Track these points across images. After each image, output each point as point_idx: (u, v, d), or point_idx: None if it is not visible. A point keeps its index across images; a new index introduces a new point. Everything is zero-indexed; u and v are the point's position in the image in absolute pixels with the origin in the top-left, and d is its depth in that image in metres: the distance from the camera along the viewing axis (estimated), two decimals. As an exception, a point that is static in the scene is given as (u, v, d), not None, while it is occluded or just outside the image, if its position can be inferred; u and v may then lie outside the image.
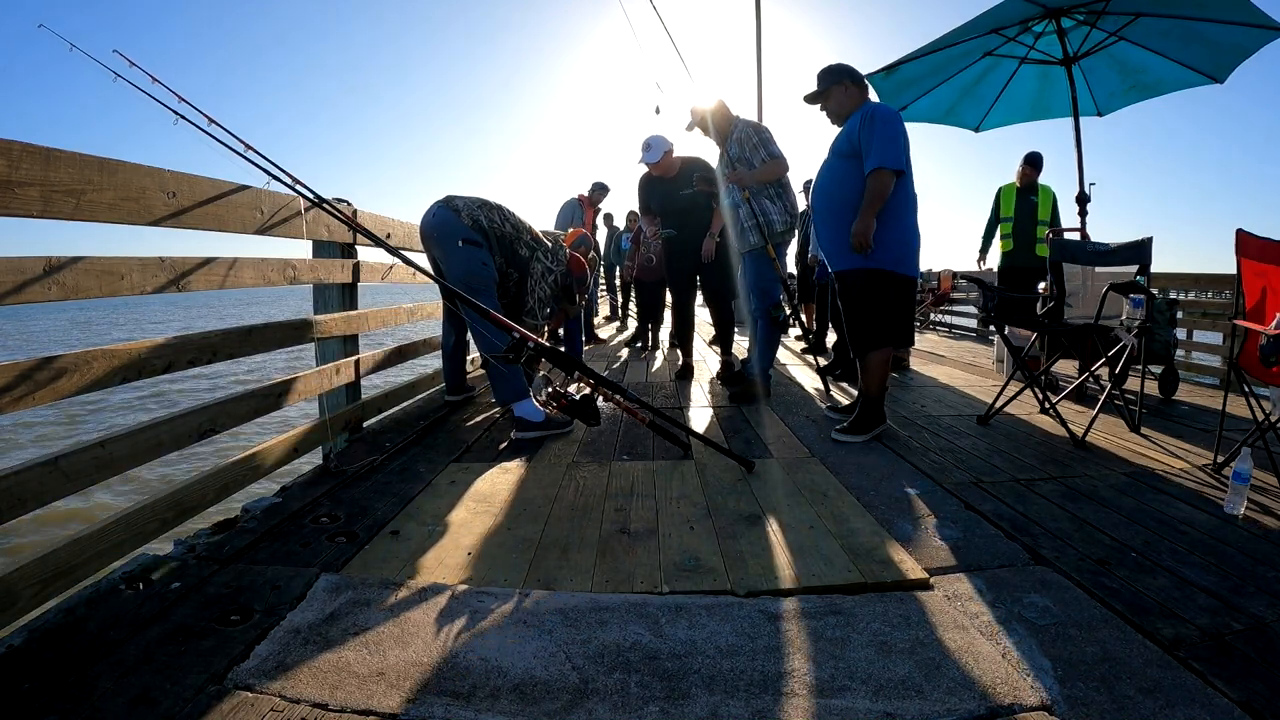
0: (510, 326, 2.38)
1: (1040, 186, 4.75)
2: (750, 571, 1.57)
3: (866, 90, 2.79)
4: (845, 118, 2.71)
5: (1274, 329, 2.20)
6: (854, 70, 2.79)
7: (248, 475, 2.07)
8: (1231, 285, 2.63)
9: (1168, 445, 2.69)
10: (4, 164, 1.28)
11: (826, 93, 2.76)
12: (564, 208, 6.02)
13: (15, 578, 1.30)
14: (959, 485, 2.17)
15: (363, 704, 1.10)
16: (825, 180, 2.75)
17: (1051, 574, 1.56)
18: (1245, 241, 2.38)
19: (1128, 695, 1.12)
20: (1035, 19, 3.92)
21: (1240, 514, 1.90)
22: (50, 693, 1.11)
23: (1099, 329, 2.92)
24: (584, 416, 2.40)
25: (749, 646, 1.26)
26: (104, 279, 1.54)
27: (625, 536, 1.77)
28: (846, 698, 1.12)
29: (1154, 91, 4.25)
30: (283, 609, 1.38)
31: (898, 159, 2.51)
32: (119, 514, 1.59)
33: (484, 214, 2.85)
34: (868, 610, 1.39)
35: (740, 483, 2.19)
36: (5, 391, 1.31)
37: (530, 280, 2.96)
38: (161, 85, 1.89)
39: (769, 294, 3.33)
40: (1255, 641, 1.27)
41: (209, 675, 1.16)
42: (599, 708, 1.10)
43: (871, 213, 2.51)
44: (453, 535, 1.78)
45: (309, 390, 2.49)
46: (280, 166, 2.14)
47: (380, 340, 3.96)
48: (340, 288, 2.83)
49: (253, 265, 2.15)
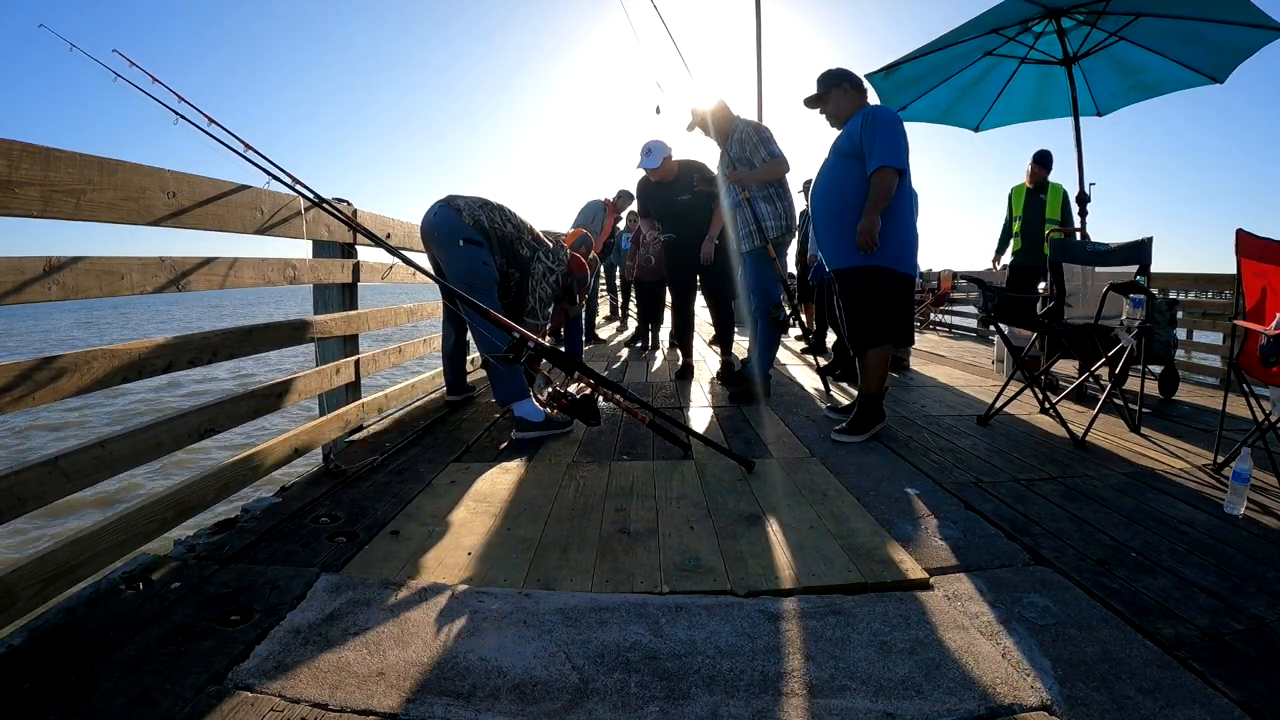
0: (510, 326, 2.38)
1: (1050, 185, 4.72)
2: (750, 571, 1.57)
3: (865, 93, 2.82)
4: (845, 120, 2.74)
5: (1274, 329, 2.20)
6: (852, 74, 2.83)
7: (248, 475, 2.07)
8: (1231, 285, 2.63)
9: (1168, 445, 2.69)
10: (4, 164, 1.28)
11: (826, 96, 2.79)
12: (587, 207, 6.00)
13: (15, 578, 1.30)
14: (959, 485, 2.17)
15: (363, 704, 1.10)
16: (826, 180, 2.76)
17: (1051, 574, 1.56)
18: (1245, 241, 2.38)
19: (1128, 695, 1.12)
20: (1035, 19, 3.93)
21: (1240, 514, 1.90)
22: (50, 693, 1.11)
23: (1099, 329, 2.92)
24: (584, 416, 2.40)
25: (749, 646, 1.26)
26: (104, 279, 1.54)
27: (625, 536, 1.77)
28: (846, 698, 1.12)
29: (1154, 91, 4.25)
30: (283, 609, 1.38)
31: (900, 158, 2.54)
32: (119, 514, 1.59)
33: (485, 214, 2.85)
34: (868, 610, 1.39)
35: (740, 483, 2.19)
36: (5, 391, 1.31)
37: (531, 280, 2.96)
38: (161, 85, 1.90)
39: (769, 294, 3.33)
40: (1255, 641, 1.27)
41: (209, 675, 1.16)
42: (599, 708, 1.10)
43: (877, 211, 2.54)
44: (453, 535, 1.78)
45: (309, 390, 2.49)
46: (280, 166, 2.14)
47: (380, 340, 3.97)
48: (340, 288, 2.83)
49: (253, 265, 2.15)
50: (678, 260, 4.02)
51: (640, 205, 4.15)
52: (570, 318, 3.73)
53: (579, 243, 3.84)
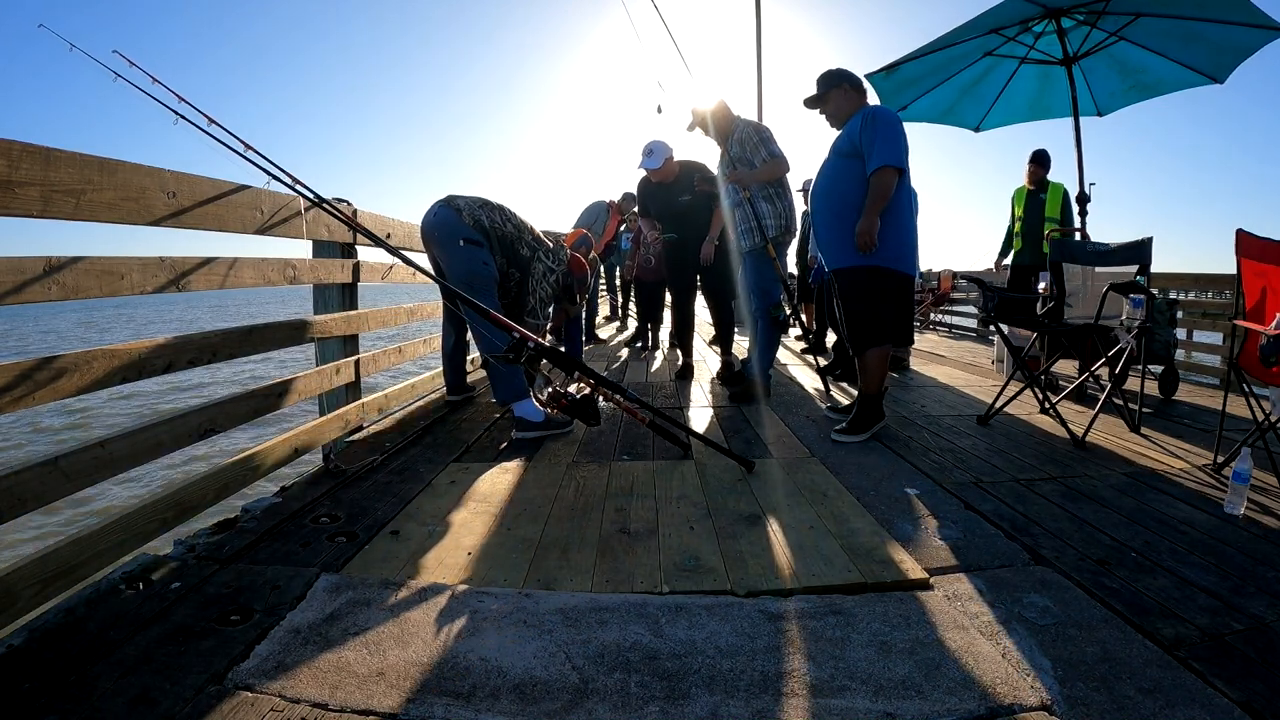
0: (510, 326, 2.38)
1: (1050, 184, 4.72)
2: (750, 571, 1.57)
3: (865, 94, 2.82)
4: (845, 120, 2.74)
5: (1274, 329, 2.20)
6: (852, 74, 2.83)
7: (248, 475, 2.07)
8: (1231, 285, 2.63)
9: (1168, 445, 2.69)
10: (4, 164, 1.28)
11: (826, 96, 2.80)
12: (590, 208, 5.99)
13: (15, 578, 1.30)
14: (959, 485, 2.17)
15: (363, 704, 1.10)
16: (826, 180, 2.76)
17: (1051, 574, 1.56)
18: (1245, 241, 2.38)
19: (1128, 695, 1.12)
20: (1035, 19, 3.92)
21: (1240, 514, 1.90)
22: (50, 693, 1.11)
23: (1099, 329, 2.92)
24: (584, 416, 2.40)
25: (749, 646, 1.26)
26: (104, 279, 1.54)
27: (625, 536, 1.77)
28: (846, 698, 1.12)
29: (1154, 91, 4.25)
30: (283, 609, 1.38)
31: (900, 157, 2.54)
32: (119, 514, 1.59)
33: (485, 214, 2.85)
34: (868, 610, 1.39)
35: (740, 483, 2.19)
36: (5, 391, 1.31)
37: (531, 280, 2.96)
38: (161, 85, 1.90)
39: (769, 294, 3.34)
40: (1255, 641, 1.27)
41: (209, 675, 1.16)
42: (599, 708, 1.10)
43: (876, 210, 2.54)
44: (453, 535, 1.78)
45: (309, 390, 2.49)
46: (280, 166, 2.14)
47: (380, 340, 3.97)
48: (340, 288, 2.83)
49: (253, 265, 2.15)
50: (678, 260, 4.02)
51: (641, 205, 4.16)
52: (570, 318, 3.73)
53: (579, 243, 3.84)
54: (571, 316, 3.68)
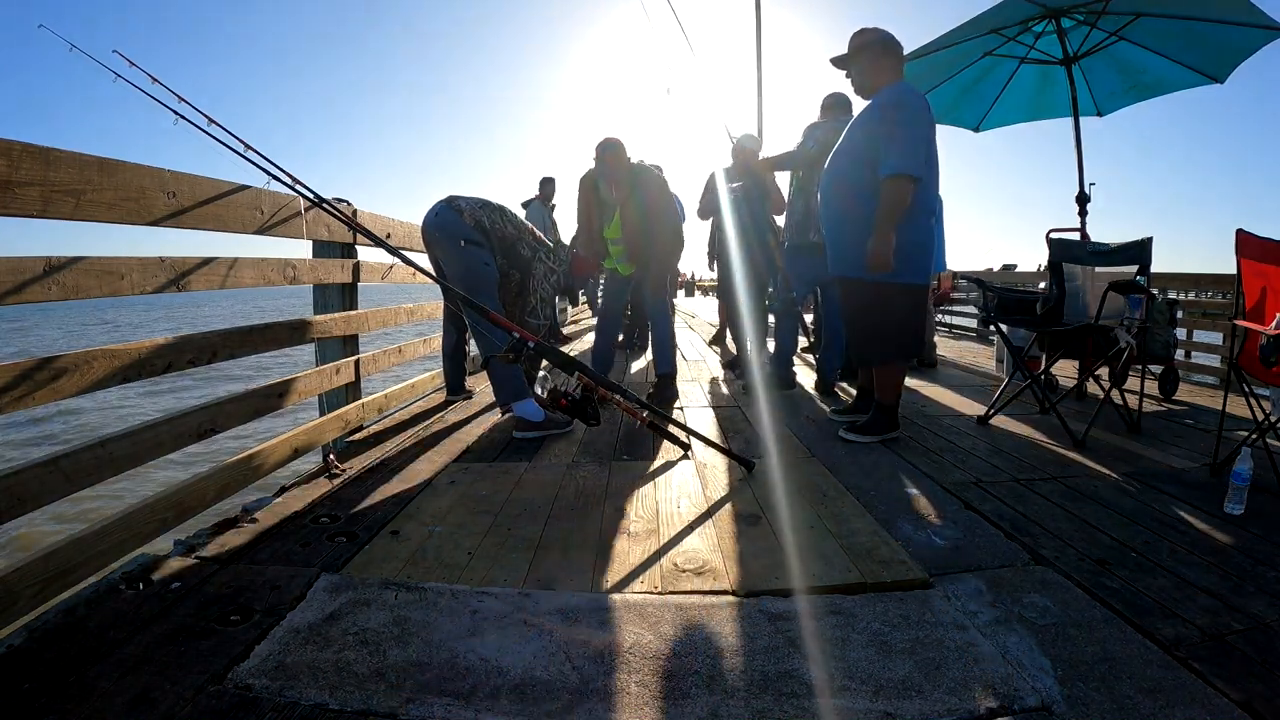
0: (510, 326, 2.38)
1: None
2: (750, 571, 1.57)
3: (901, 66, 2.40)
4: (871, 92, 2.40)
5: (1274, 329, 2.20)
6: (890, 36, 2.39)
7: (248, 475, 2.07)
8: (1231, 285, 2.63)
9: (1168, 445, 2.69)
10: (4, 164, 1.28)
11: (855, 56, 2.39)
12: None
13: (15, 578, 1.30)
14: (959, 485, 2.17)
15: (363, 704, 1.10)
16: (836, 172, 2.50)
17: (1051, 574, 1.56)
18: (1245, 241, 2.38)
19: (1128, 695, 1.12)
20: (1035, 19, 3.93)
21: (1240, 514, 1.90)
22: (50, 693, 1.11)
23: (1099, 329, 2.92)
24: (584, 416, 2.40)
25: (749, 646, 1.26)
26: (104, 279, 1.54)
27: (625, 536, 1.77)
28: (846, 698, 1.12)
29: (1154, 92, 4.25)
30: (283, 609, 1.38)
31: (917, 165, 2.23)
32: (119, 514, 1.59)
33: (486, 215, 2.85)
34: (868, 610, 1.39)
35: (740, 483, 2.19)
36: (5, 391, 1.32)
37: (532, 281, 2.96)
38: (161, 85, 1.90)
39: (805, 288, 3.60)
40: (1255, 641, 1.27)
41: (209, 675, 1.16)
42: (599, 708, 1.10)
43: (889, 226, 2.23)
44: (453, 535, 1.78)
45: (309, 390, 2.49)
46: (280, 166, 2.14)
47: (380, 340, 3.96)
48: (340, 288, 2.83)
49: (253, 265, 2.15)
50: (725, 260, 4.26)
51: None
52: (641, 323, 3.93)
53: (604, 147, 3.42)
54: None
